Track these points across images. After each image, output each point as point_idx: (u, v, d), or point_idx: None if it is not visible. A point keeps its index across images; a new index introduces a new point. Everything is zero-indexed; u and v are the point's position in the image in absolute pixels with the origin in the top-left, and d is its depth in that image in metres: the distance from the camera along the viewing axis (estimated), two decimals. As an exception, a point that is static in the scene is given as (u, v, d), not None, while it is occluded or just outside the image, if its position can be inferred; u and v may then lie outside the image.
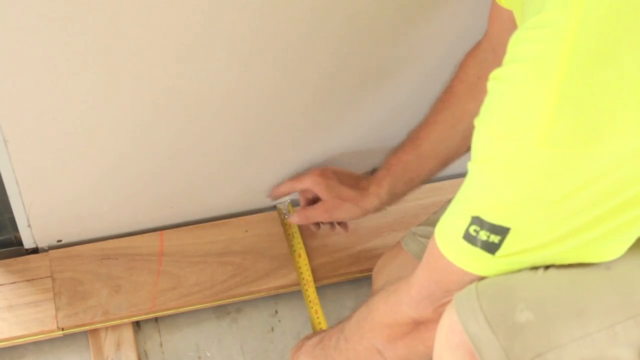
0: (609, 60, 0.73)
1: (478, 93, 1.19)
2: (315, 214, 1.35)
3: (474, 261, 0.86)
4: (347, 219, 1.35)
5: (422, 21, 1.19)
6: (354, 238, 1.42)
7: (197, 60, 1.11)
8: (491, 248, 0.83)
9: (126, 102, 1.14)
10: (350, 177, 1.34)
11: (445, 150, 1.25)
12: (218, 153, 1.30)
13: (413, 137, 1.27)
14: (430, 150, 1.25)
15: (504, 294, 0.88)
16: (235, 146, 1.29)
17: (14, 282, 1.31)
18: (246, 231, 1.41)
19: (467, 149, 1.25)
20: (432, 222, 1.25)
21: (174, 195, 1.35)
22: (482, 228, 0.82)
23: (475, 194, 0.84)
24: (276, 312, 1.39)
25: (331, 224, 1.39)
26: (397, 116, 1.34)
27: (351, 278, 1.40)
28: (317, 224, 1.40)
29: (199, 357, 1.33)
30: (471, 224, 0.83)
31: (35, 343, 1.30)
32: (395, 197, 1.31)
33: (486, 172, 0.82)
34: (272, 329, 1.37)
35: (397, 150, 1.29)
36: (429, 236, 1.23)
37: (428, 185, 1.49)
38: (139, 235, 1.38)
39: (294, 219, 1.37)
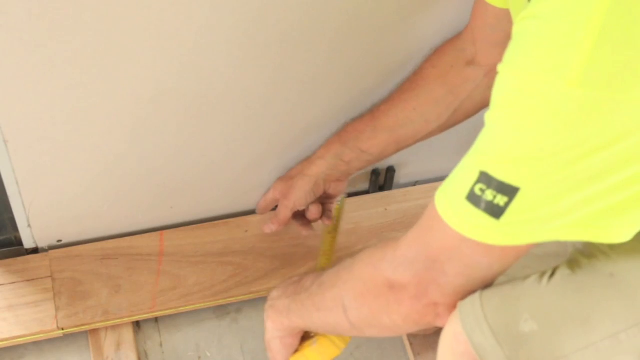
0: None
1: (448, 81, 1.19)
2: (279, 209, 1.34)
3: (474, 226, 0.79)
4: (304, 196, 1.31)
5: (419, 20, 1.19)
6: (354, 238, 1.42)
7: (196, 60, 1.11)
8: (496, 211, 0.77)
9: (126, 102, 1.14)
10: (299, 165, 1.33)
11: (401, 130, 1.24)
12: (218, 153, 1.30)
13: (374, 110, 1.26)
14: (385, 126, 1.24)
15: (508, 303, 0.87)
16: (235, 146, 1.29)
17: (14, 282, 1.31)
18: (246, 231, 1.41)
19: (424, 137, 1.25)
20: None
21: (174, 196, 1.35)
22: (489, 187, 0.77)
23: (489, 145, 0.78)
24: (276, 312, 1.39)
25: (302, 222, 1.37)
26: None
27: (351, 278, 1.40)
28: (304, 223, 1.38)
29: (199, 357, 1.33)
30: (478, 181, 0.77)
31: (35, 343, 1.30)
32: (343, 164, 1.28)
33: (506, 118, 0.76)
34: (272, 329, 1.37)
35: (355, 120, 1.27)
36: None
37: (428, 185, 1.50)
38: (139, 235, 1.38)
39: (267, 228, 1.36)
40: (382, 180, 1.49)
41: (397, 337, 1.37)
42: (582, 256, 0.97)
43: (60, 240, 1.35)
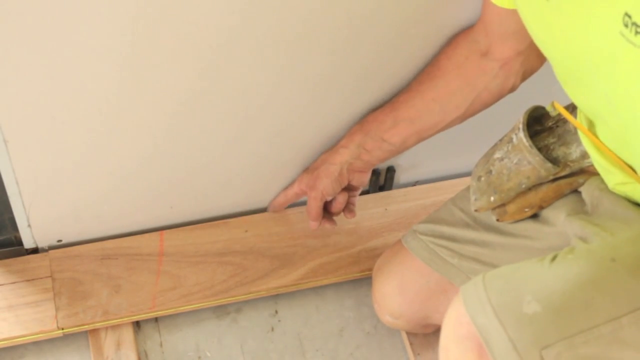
0: None
1: (463, 73, 1.20)
2: (309, 203, 1.33)
3: None
4: (330, 184, 1.31)
5: (421, 21, 1.19)
6: (354, 238, 1.42)
7: (196, 60, 1.11)
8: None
9: (126, 102, 1.14)
10: (324, 154, 1.33)
11: (421, 121, 1.24)
12: (218, 153, 1.30)
13: (394, 100, 1.26)
14: (405, 117, 1.24)
15: (511, 286, 0.88)
16: (236, 146, 1.29)
17: (14, 282, 1.31)
18: (246, 231, 1.41)
19: (443, 127, 1.25)
20: (432, 220, 1.25)
21: (174, 195, 1.35)
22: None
23: None
24: (276, 312, 1.39)
25: (329, 219, 1.37)
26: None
27: (351, 278, 1.40)
28: (329, 219, 1.37)
29: (199, 357, 1.33)
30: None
31: (35, 343, 1.30)
32: (366, 153, 1.28)
33: None
34: (272, 329, 1.37)
35: (376, 110, 1.28)
36: (432, 234, 1.24)
37: (428, 185, 1.49)
38: (139, 235, 1.38)
39: (313, 226, 1.35)
40: (382, 180, 1.49)
41: (397, 336, 1.37)
42: (582, 241, 0.98)
43: (60, 240, 1.35)
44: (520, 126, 1.09)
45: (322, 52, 1.17)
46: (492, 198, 1.14)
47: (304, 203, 1.40)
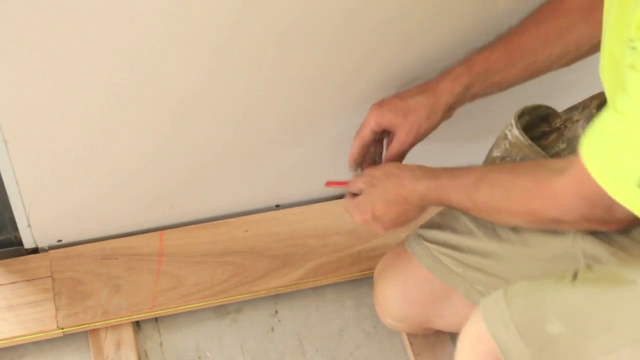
0: None
1: (592, 18, 1.09)
2: (395, 142, 1.19)
3: None
4: (429, 128, 1.19)
5: (421, 19, 1.19)
6: (354, 238, 1.42)
7: (196, 60, 1.11)
8: None
9: (125, 102, 1.14)
10: (410, 90, 1.20)
11: (538, 63, 1.16)
12: (218, 153, 1.30)
13: (506, 40, 1.16)
14: (522, 58, 1.15)
15: (534, 303, 0.87)
16: (235, 146, 1.29)
17: (14, 282, 1.31)
18: (246, 231, 1.41)
19: (558, 67, 1.16)
20: (437, 225, 1.23)
21: (174, 195, 1.35)
22: None
23: None
24: (276, 312, 1.39)
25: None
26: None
27: (351, 278, 1.40)
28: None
29: (199, 357, 1.33)
30: None
31: (35, 343, 1.30)
32: (468, 96, 1.18)
33: None
34: (272, 329, 1.37)
35: (483, 49, 1.17)
36: (436, 242, 1.21)
37: (428, 185, 1.49)
38: (139, 235, 1.38)
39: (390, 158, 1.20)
40: (382, 180, 1.48)
41: (397, 336, 1.37)
42: (598, 261, 0.97)
43: (60, 240, 1.35)
44: (513, 122, 1.08)
45: (322, 51, 1.17)
46: None
47: (298, 203, 1.40)
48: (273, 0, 1.06)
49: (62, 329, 1.28)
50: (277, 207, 1.44)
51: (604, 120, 0.84)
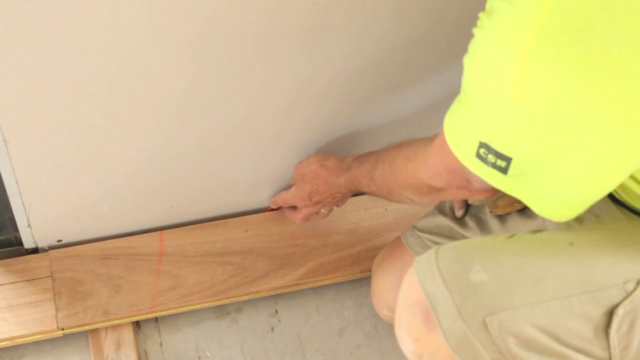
0: (579, 38, 0.75)
1: None
2: (305, 211, 1.34)
3: (490, 176, 0.87)
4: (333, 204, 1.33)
5: (420, 23, 1.20)
6: (354, 238, 1.42)
7: (196, 60, 1.11)
8: (501, 169, 0.85)
9: (126, 102, 1.14)
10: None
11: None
12: (218, 153, 1.30)
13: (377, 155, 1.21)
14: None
15: (461, 256, 0.92)
16: (235, 146, 1.30)
17: (14, 282, 1.31)
18: (246, 231, 1.41)
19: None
20: (431, 212, 1.27)
21: (174, 195, 1.35)
22: (489, 152, 0.85)
23: (479, 121, 0.86)
24: (276, 312, 1.39)
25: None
26: (396, 117, 1.34)
27: (351, 278, 1.40)
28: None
29: (199, 357, 1.33)
30: (480, 146, 0.85)
31: (35, 343, 1.30)
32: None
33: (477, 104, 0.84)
34: (272, 329, 1.37)
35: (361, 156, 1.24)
36: (427, 230, 1.25)
37: (428, 185, 1.49)
38: (139, 235, 1.38)
39: (322, 215, 1.35)
40: (382, 180, 1.49)
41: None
42: (547, 227, 0.99)
43: (60, 240, 1.35)
44: None
45: (321, 51, 1.17)
46: None
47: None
48: (273, 1, 1.07)
49: (62, 329, 1.28)
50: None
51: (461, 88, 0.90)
